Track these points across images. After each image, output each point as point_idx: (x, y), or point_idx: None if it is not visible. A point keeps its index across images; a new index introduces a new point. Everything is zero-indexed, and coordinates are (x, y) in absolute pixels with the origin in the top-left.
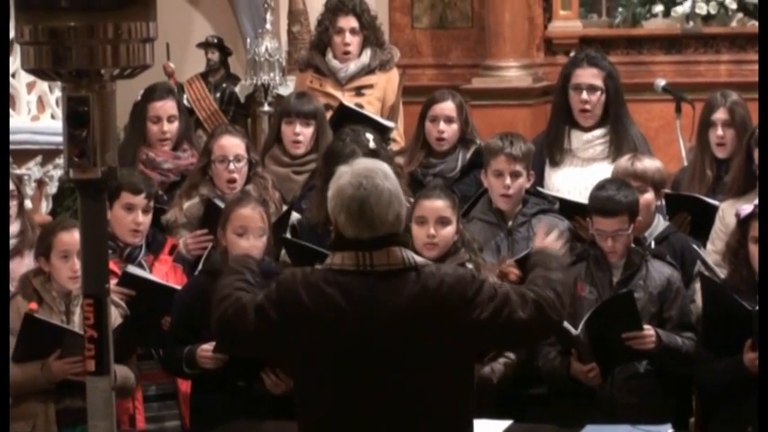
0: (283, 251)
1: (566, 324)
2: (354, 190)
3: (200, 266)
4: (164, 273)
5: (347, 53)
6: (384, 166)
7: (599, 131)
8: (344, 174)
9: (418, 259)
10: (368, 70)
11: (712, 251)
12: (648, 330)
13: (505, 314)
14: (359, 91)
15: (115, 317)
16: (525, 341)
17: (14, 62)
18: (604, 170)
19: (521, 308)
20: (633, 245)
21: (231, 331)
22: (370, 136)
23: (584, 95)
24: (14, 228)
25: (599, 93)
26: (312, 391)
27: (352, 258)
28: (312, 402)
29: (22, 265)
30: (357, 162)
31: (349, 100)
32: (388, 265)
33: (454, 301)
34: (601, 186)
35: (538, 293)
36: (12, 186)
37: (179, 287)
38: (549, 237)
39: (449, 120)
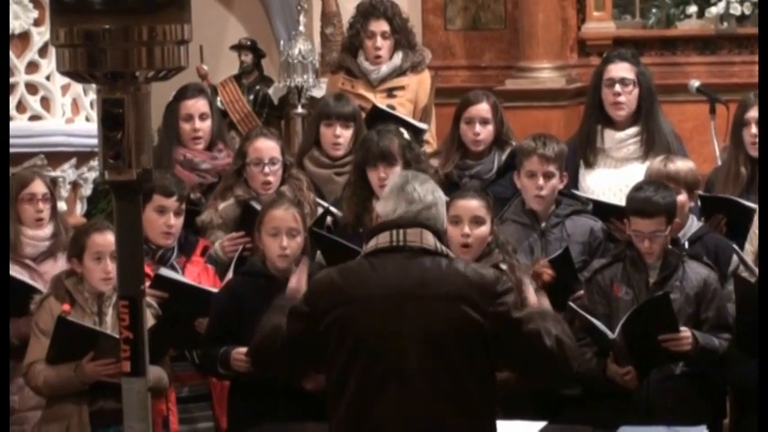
0: (319, 253)
1: (602, 327)
2: (402, 177)
3: (231, 268)
4: (196, 274)
5: (378, 57)
6: (434, 182)
7: (632, 130)
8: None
9: (451, 253)
10: (399, 72)
11: (750, 251)
12: (685, 332)
13: (529, 329)
14: (390, 92)
15: (148, 318)
16: (537, 368)
17: (49, 64)
18: (638, 171)
19: (545, 335)
20: (670, 246)
21: (268, 350)
22: (403, 131)
23: (617, 88)
24: (48, 230)
25: (631, 86)
26: (340, 375)
27: (387, 236)
28: (339, 392)
29: (55, 267)
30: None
31: (380, 101)
32: (422, 243)
33: (483, 288)
34: (639, 187)
35: (560, 335)
36: (45, 189)
37: (211, 289)
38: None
39: (484, 121)
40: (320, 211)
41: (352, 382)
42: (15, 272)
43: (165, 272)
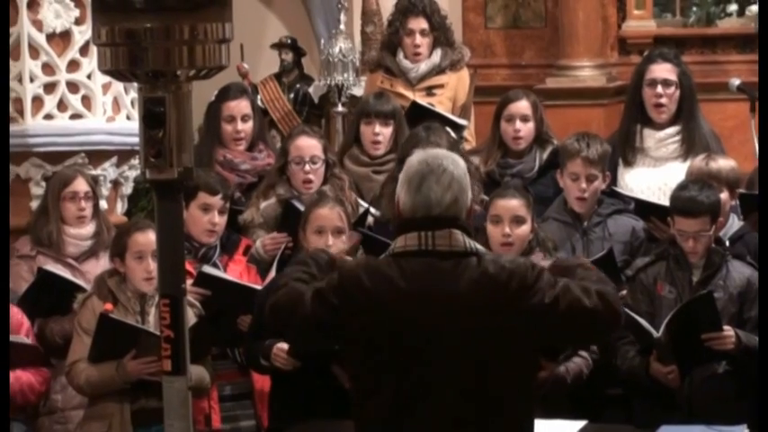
0: (361, 250)
1: (646, 325)
2: (419, 165)
3: (274, 266)
4: (238, 273)
5: (417, 54)
6: (457, 156)
7: (671, 129)
8: (417, 154)
9: (479, 247)
10: (438, 70)
11: None
12: (728, 331)
13: (568, 301)
14: (430, 91)
15: (190, 317)
16: (589, 331)
17: (90, 63)
18: (678, 170)
19: (585, 296)
20: (713, 245)
21: (285, 317)
22: (449, 129)
23: (659, 89)
24: (90, 228)
25: (673, 88)
26: (370, 380)
27: (415, 239)
28: (369, 393)
29: (97, 267)
30: (433, 148)
31: (420, 100)
32: (450, 246)
33: (514, 286)
34: (683, 187)
35: (600, 287)
36: (87, 187)
37: (253, 286)
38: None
39: (524, 118)
40: (361, 210)
41: (383, 392)
42: (59, 270)
43: (207, 269)
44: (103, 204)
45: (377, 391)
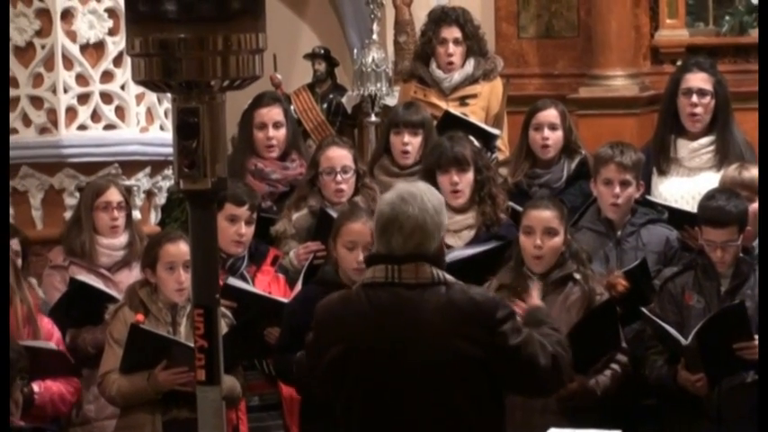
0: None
1: (674, 333)
2: (386, 209)
3: (301, 277)
4: (266, 283)
5: (451, 63)
6: (429, 195)
7: (705, 140)
8: (390, 192)
9: (449, 277)
10: (472, 80)
11: None
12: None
13: (528, 353)
14: (463, 101)
15: (222, 327)
16: (531, 387)
17: (124, 74)
18: (711, 179)
19: (541, 354)
20: (741, 254)
21: (304, 384)
22: (473, 139)
23: (695, 98)
24: (123, 239)
25: (709, 97)
26: (345, 411)
27: (382, 271)
28: (347, 426)
29: (130, 277)
30: (409, 184)
31: (453, 110)
32: (416, 278)
33: (480, 318)
34: (710, 196)
35: (555, 349)
36: (120, 197)
37: (279, 298)
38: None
39: (552, 126)
40: None
41: (354, 420)
42: (91, 281)
43: (233, 281)
44: (137, 215)
45: (349, 417)
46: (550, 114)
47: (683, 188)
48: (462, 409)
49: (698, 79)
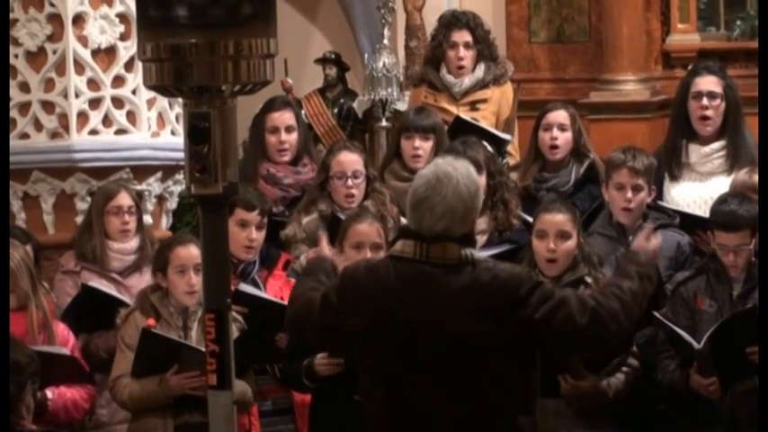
0: None
1: (687, 337)
2: (421, 187)
3: None
4: (278, 288)
5: (461, 67)
6: (466, 179)
7: (717, 144)
8: (430, 166)
9: (477, 255)
10: (482, 84)
11: None
12: None
13: (560, 317)
14: (473, 105)
15: (233, 331)
16: (578, 347)
17: (135, 79)
18: (723, 184)
19: (578, 314)
20: (754, 258)
21: (300, 326)
22: (487, 144)
23: (705, 102)
24: (134, 243)
25: (719, 100)
26: (368, 382)
27: (411, 247)
28: (368, 397)
29: (141, 281)
30: (446, 159)
31: (464, 115)
32: (444, 258)
33: (505, 297)
34: (722, 201)
35: (600, 302)
36: (131, 202)
37: None
38: (652, 242)
39: (562, 127)
40: (403, 222)
41: (379, 393)
42: (103, 285)
43: (243, 287)
44: (148, 219)
45: (372, 390)
46: (560, 115)
47: (695, 193)
48: (484, 387)
49: (708, 82)
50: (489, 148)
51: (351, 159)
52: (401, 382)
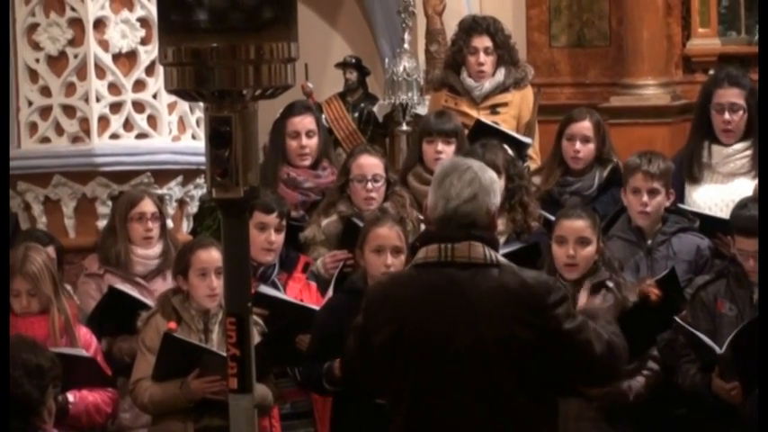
0: None
1: (708, 341)
2: (444, 167)
3: (332, 284)
4: (297, 291)
5: (481, 72)
6: (487, 167)
7: (740, 145)
8: (448, 159)
9: (502, 259)
10: (502, 88)
11: None
12: None
13: (582, 338)
14: (494, 109)
15: (254, 335)
16: (587, 374)
17: (156, 83)
18: (746, 186)
19: (596, 341)
20: None
21: (351, 366)
22: (506, 146)
23: (727, 116)
24: (157, 249)
25: (741, 112)
26: (394, 392)
27: (435, 251)
28: (398, 403)
29: (165, 285)
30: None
31: (484, 118)
32: (470, 257)
33: (533, 302)
34: (742, 205)
35: (611, 337)
36: (154, 208)
37: (310, 306)
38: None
39: (585, 139)
40: (422, 227)
41: (406, 399)
42: (127, 289)
43: (264, 289)
44: (169, 223)
45: (400, 401)
46: (584, 127)
47: (717, 195)
48: (511, 392)
49: (729, 95)
50: (509, 151)
51: (371, 163)
52: (429, 387)
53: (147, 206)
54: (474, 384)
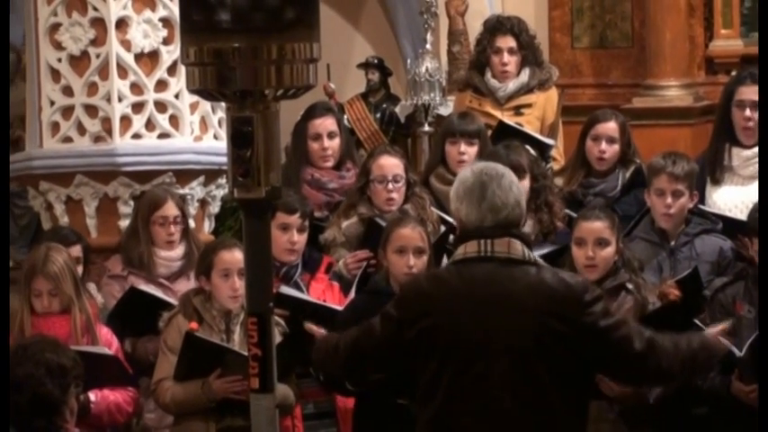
0: None
1: (728, 344)
2: (476, 177)
3: (354, 285)
4: (320, 291)
5: (505, 73)
6: (507, 169)
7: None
8: (467, 169)
9: (539, 259)
10: (527, 89)
11: None
12: None
13: (619, 335)
14: (518, 110)
15: (275, 335)
16: (626, 371)
17: (178, 83)
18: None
19: (636, 338)
20: None
21: (362, 350)
22: (529, 147)
23: (748, 113)
24: (179, 251)
25: None
26: (430, 384)
27: (474, 246)
28: (429, 396)
29: (188, 286)
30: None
31: (508, 119)
32: (509, 253)
33: (570, 299)
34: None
35: (655, 336)
36: (177, 211)
37: (332, 306)
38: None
39: (611, 140)
40: (443, 228)
41: (440, 391)
42: (151, 289)
43: (285, 290)
44: (190, 223)
45: (432, 394)
46: (609, 128)
47: (737, 197)
48: (545, 387)
49: (752, 92)
50: (532, 152)
51: (391, 163)
52: (465, 378)
53: (170, 209)
54: (508, 377)
